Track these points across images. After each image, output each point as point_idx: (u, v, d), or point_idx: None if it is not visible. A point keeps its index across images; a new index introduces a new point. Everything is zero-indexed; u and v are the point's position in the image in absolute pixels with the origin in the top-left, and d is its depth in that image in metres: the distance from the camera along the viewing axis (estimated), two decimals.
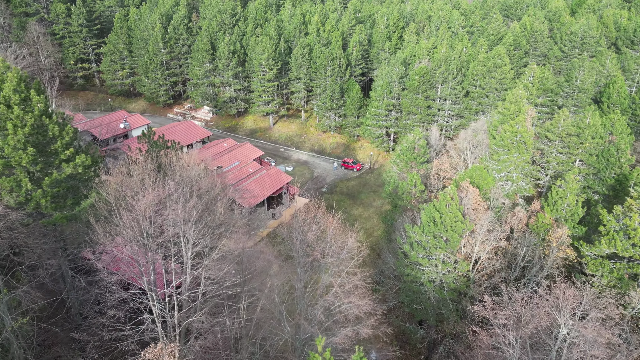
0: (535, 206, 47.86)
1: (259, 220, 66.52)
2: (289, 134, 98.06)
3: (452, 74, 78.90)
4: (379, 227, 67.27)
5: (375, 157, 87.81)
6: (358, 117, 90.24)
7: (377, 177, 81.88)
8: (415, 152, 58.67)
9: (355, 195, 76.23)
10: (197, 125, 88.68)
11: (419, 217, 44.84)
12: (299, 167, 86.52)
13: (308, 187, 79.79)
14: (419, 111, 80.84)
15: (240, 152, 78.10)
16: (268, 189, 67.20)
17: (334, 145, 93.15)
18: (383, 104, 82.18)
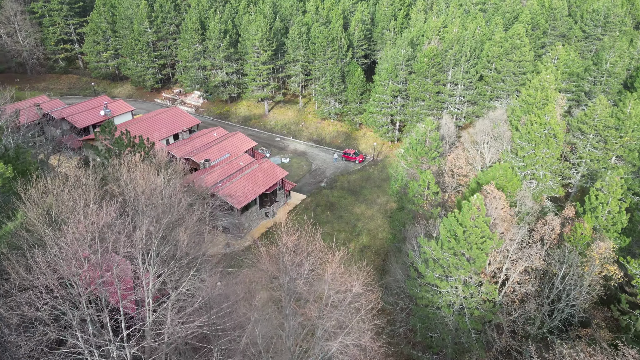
0: (569, 212, 40.93)
1: (250, 221, 59.72)
2: (286, 122, 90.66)
3: (465, 56, 71.19)
4: (384, 227, 60.50)
5: (379, 148, 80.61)
6: (360, 104, 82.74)
7: (381, 170, 74.82)
8: (426, 145, 51.49)
9: (358, 190, 69.27)
10: (185, 112, 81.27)
11: (434, 227, 37.91)
12: (295, 158, 79.36)
13: (305, 181, 72.76)
14: (428, 97, 73.36)
15: (231, 142, 70.87)
16: (261, 185, 60.21)
17: (334, 134, 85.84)
18: (388, 89, 74.64)
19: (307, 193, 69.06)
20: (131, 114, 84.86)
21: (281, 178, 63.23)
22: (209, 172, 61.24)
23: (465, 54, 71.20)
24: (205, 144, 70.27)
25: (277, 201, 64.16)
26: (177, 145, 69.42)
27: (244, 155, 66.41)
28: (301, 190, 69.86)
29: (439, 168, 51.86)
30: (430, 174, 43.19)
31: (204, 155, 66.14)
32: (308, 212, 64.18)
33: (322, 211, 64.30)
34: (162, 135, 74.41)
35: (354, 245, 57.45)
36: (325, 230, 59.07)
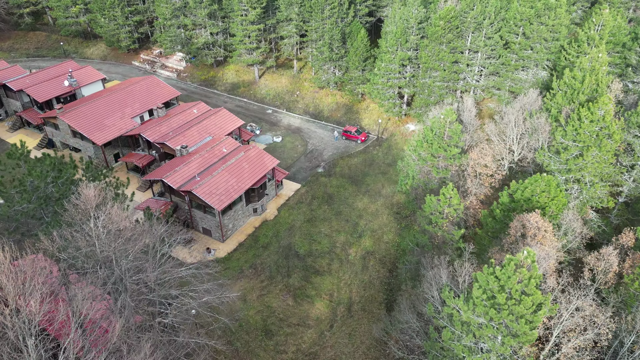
0: (627, 239, 32.51)
1: (235, 220, 51.40)
2: (278, 90, 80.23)
3: (488, 18, 60.09)
4: (390, 227, 52.28)
5: (384, 124, 70.95)
6: (364, 72, 72.15)
7: (386, 152, 65.66)
8: (444, 139, 42.23)
9: (360, 178, 60.44)
10: (162, 82, 70.82)
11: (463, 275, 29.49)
12: (289, 136, 69.88)
13: (300, 165, 63.78)
14: (442, 67, 62.92)
15: (213, 122, 61.23)
16: (247, 179, 51.35)
17: (333, 107, 75.77)
18: (397, 57, 63.99)
19: (302, 181, 60.28)
20: (102, 84, 74.39)
21: (271, 168, 54.26)
22: (186, 162, 52.18)
23: (488, 16, 60.06)
24: (184, 124, 60.67)
25: (266, 194, 55.54)
26: (152, 125, 59.82)
27: (228, 140, 57.02)
28: (295, 178, 61.06)
29: (460, 167, 42.86)
30: (453, 189, 34.28)
31: (181, 140, 56.76)
32: (302, 206, 55.72)
33: (319, 205, 55.84)
34: (135, 111, 64.65)
35: (355, 250, 49.44)
36: (322, 230, 50.97)
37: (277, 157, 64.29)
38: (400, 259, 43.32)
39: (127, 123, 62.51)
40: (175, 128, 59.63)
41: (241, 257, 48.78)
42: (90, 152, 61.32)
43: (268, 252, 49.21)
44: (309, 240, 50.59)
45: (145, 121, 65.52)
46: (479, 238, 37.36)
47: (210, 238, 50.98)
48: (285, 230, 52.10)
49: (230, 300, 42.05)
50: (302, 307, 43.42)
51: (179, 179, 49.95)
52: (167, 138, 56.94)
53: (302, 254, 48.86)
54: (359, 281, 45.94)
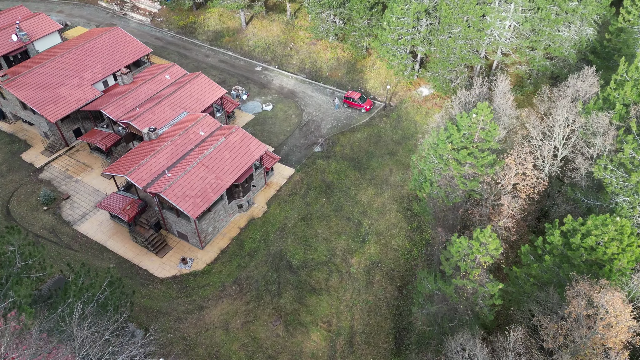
0: None
1: (216, 222, 43.32)
2: (269, 41, 68.53)
3: None
4: (400, 228, 44.38)
5: (393, 89, 60.53)
6: (369, 23, 60.45)
7: (395, 124, 56.08)
8: (475, 141, 33.00)
9: (364, 161, 51.48)
10: (129, 36, 59.23)
11: None
12: (281, 103, 59.75)
13: (294, 142, 54.49)
14: (466, 22, 51.56)
15: (189, 92, 51.07)
16: (229, 173, 42.54)
17: (333, 64, 64.72)
18: (411, 9, 52.34)
19: (296, 164, 51.36)
20: (59, 35, 62.59)
21: (260, 156, 45.18)
22: (154, 151, 43.02)
23: None
24: (154, 95, 50.52)
25: (254, 186, 46.96)
26: (115, 97, 49.71)
27: (206, 119, 47.29)
28: (288, 159, 52.06)
29: (493, 177, 33.93)
30: (491, 235, 25.78)
31: (149, 119, 47.09)
32: (296, 199, 47.37)
33: (316, 197, 47.48)
34: (97, 76, 54.13)
35: (358, 260, 41.87)
36: (319, 232, 43.18)
37: (267, 131, 54.97)
38: (413, 301, 35.66)
39: (87, 92, 52.28)
40: (144, 101, 49.59)
41: (223, 269, 41.28)
42: (45, 127, 51.73)
43: (255, 262, 41.68)
44: (304, 246, 42.88)
45: (109, 88, 55.10)
46: (516, 280, 29.59)
47: (187, 243, 43.19)
48: (276, 232, 44.23)
49: (209, 329, 35.22)
50: (295, 339, 36.62)
51: (146, 176, 41.14)
52: (132, 116, 47.17)
53: (295, 265, 41.36)
54: (362, 303, 38.86)
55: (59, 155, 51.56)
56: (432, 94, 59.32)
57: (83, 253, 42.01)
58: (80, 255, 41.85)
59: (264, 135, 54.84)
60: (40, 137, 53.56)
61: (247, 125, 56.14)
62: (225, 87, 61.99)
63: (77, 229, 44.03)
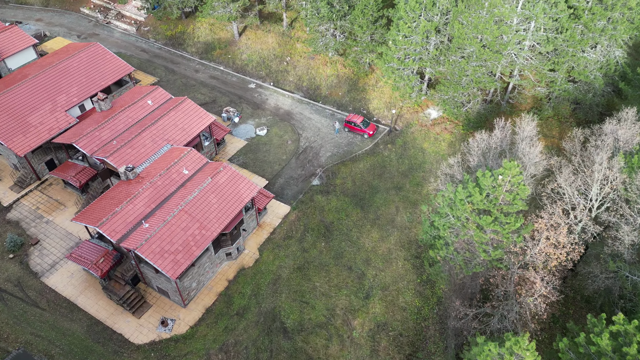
0: None
1: (200, 276, 38.48)
2: (264, 55, 63.23)
3: None
4: (409, 281, 39.58)
5: (398, 111, 55.39)
6: (373, 38, 55.19)
7: (401, 153, 51.05)
8: (500, 203, 28.05)
9: (367, 197, 46.54)
10: (109, 53, 53.95)
11: None
12: (277, 126, 54.64)
13: (290, 173, 49.50)
14: (480, 41, 46.34)
15: (173, 120, 46.02)
16: (215, 221, 37.64)
17: (332, 81, 59.50)
18: (420, 27, 47.10)
19: (292, 199, 46.44)
20: (34, 51, 57.31)
21: (251, 198, 40.21)
22: (131, 196, 38.08)
23: None
24: (134, 125, 45.43)
25: (244, 230, 42.06)
26: (89, 128, 44.62)
27: (191, 155, 42.23)
28: (283, 194, 47.13)
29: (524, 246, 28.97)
30: (529, 348, 20.95)
31: (128, 154, 42.07)
32: (292, 243, 42.52)
33: (313, 241, 42.63)
34: (72, 101, 49.08)
35: (361, 321, 37.08)
36: (317, 286, 38.53)
37: (260, 160, 50.02)
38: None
39: (60, 119, 47.20)
40: (122, 132, 44.51)
41: (208, 332, 36.53)
42: (14, 159, 46.72)
43: (245, 324, 36.91)
44: (300, 303, 38.09)
45: (86, 113, 50.07)
46: None
47: (168, 300, 38.40)
48: (269, 285, 39.44)
49: None
50: None
51: (120, 227, 36.24)
52: (109, 151, 42.12)
53: (290, 328, 36.60)
54: None
55: (30, 190, 46.60)
56: (441, 117, 54.26)
57: (51, 312, 37.22)
58: (47, 315, 37.07)
59: (257, 165, 49.87)
60: (10, 168, 48.59)
61: (239, 153, 51.13)
62: (216, 107, 56.90)
63: (46, 281, 39.21)
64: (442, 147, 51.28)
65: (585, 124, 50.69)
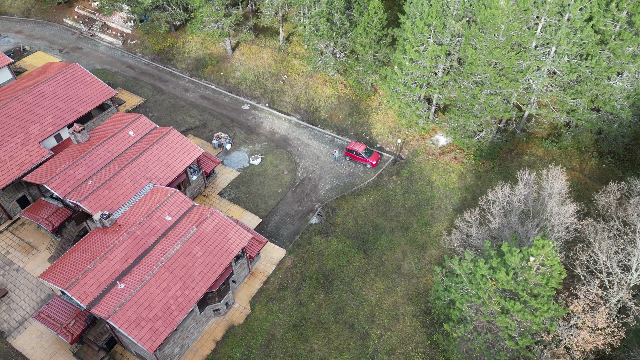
0: None
1: (183, 339, 34.32)
2: (258, 72, 58.83)
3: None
4: (417, 342, 35.48)
5: (404, 136, 51.09)
6: (376, 57, 50.82)
7: (408, 185, 46.83)
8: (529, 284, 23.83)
9: (370, 238, 42.36)
10: (89, 75, 49.57)
11: None
12: (271, 153, 50.35)
13: (286, 208, 45.27)
14: (495, 67, 41.94)
15: (157, 155, 41.74)
16: (200, 279, 33.45)
17: (332, 103, 55.15)
18: (429, 51, 42.72)
19: (288, 241, 42.26)
20: (9, 71, 52.98)
21: (242, 248, 36.00)
22: (106, 250, 33.89)
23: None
24: (112, 160, 41.12)
25: (234, 282, 37.91)
26: (63, 164, 40.32)
27: (175, 197, 37.97)
28: (278, 235, 42.94)
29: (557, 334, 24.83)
30: None
31: (105, 197, 37.83)
32: (287, 295, 38.37)
33: (311, 293, 38.49)
34: (47, 131, 44.85)
35: None
36: (315, 349, 34.57)
37: (253, 194, 45.84)
38: None
39: (33, 153, 42.94)
40: (100, 169, 40.20)
41: None
42: None
43: None
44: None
45: (62, 143, 45.86)
46: None
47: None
48: (261, 347, 35.33)
49: None
50: None
51: (92, 288, 32.09)
52: (83, 193, 37.85)
53: None
54: None
55: (0, 231, 42.41)
56: (450, 144, 49.99)
57: None
58: None
59: (250, 199, 45.66)
60: None
61: (230, 186, 46.89)
62: (207, 132, 52.61)
63: (13, 343, 35.11)
64: (452, 179, 47.07)
65: (610, 155, 46.57)
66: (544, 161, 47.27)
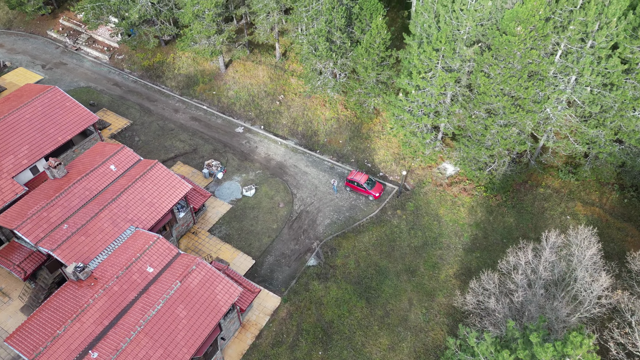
0: None
1: None
2: (253, 92, 55.19)
3: (605, 26, 34.37)
4: None
5: (409, 164, 47.51)
6: (379, 79, 47.17)
7: (414, 221, 43.30)
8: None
9: (373, 284, 38.88)
10: (69, 100, 45.93)
11: None
12: (267, 183, 46.79)
13: (281, 247, 41.76)
14: (511, 98, 38.30)
15: (140, 194, 38.17)
16: (184, 344, 29.97)
17: (332, 126, 51.55)
18: (436, 79, 39.07)
19: (283, 287, 38.79)
20: None
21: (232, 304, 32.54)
22: (80, 309, 30.44)
23: (606, 21, 34.28)
24: (91, 200, 37.53)
25: (223, 339, 34.43)
26: (37, 203, 36.76)
27: (158, 244, 34.44)
28: (272, 280, 39.46)
29: None
30: None
31: (81, 244, 34.32)
32: (282, 351, 34.94)
33: (309, 350, 35.05)
34: (21, 164, 41.25)
35: None
36: None
37: (246, 231, 42.39)
38: None
39: (5, 189, 39.38)
40: (77, 210, 36.63)
41: None
42: None
43: None
44: None
45: (38, 176, 42.32)
46: None
47: None
48: None
49: None
50: None
51: (62, 357, 28.62)
52: (57, 241, 34.32)
53: None
54: None
55: None
56: (459, 173, 46.46)
57: None
58: None
59: (242, 237, 42.15)
60: None
61: (221, 222, 43.38)
62: (197, 158, 49.06)
63: None
64: (461, 213, 43.56)
65: (632, 189, 43.06)
66: (560, 194, 43.76)
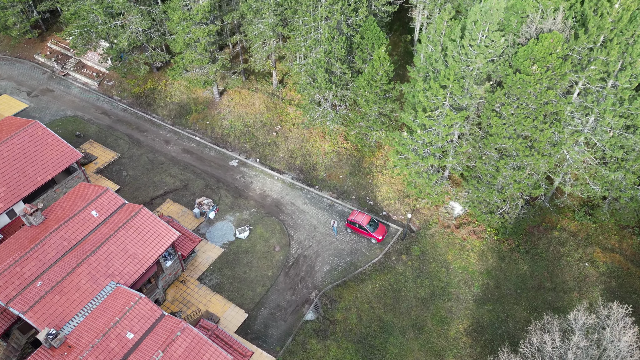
0: None
1: None
2: (249, 122, 52.35)
3: (629, 65, 31.51)
4: None
5: (412, 205, 44.49)
6: (381, 112, 44.30)
7: (420, 268, 40.21)
8: None
9: (377, 342, 35.72)
10: (51, 135, 43.10)
11: None
12: (262, 223, 43.75)
13: (277, 298, 38.62)
14: (526, 139, 35.34)
15: (122, 244, 35.15)
16: None
17: (332, 160, 48.63)
18: (445, 119, 36.16)
19: (278, 345, 35.64)
20: None
21: None
22: None
23: (630, 59, 31.43)
24: (69, 251, 34.47)
25: None
26: (10, 255, 33.69)
27: (140, 304, 31.35)
28: (266, 337, 36.30)
29: None
30: None
31: (55, 304, 31.26)
32: None
33: None
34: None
35: None
36: None
37: (238, 279, 39.41)
38: None
39: None
40: (52, 263, 33.58)
41: None
42: None
43: None
44: None
45: (14, 220, 39.39)
46: None
47: None
48: None
49: None
50: None
51: None
52: (29, 302, 31.24)
53: None
54: None
55: None
56: (467, 214, 43.44)
57: None
58: None
59: (234, 286, 39.08)
60: None
61: (212, 269, 40.32)
62: (188, 195, 46.11)
63: None
64: (471, 259, 40.49)
65: None
66: (577, 238, 40.70)
